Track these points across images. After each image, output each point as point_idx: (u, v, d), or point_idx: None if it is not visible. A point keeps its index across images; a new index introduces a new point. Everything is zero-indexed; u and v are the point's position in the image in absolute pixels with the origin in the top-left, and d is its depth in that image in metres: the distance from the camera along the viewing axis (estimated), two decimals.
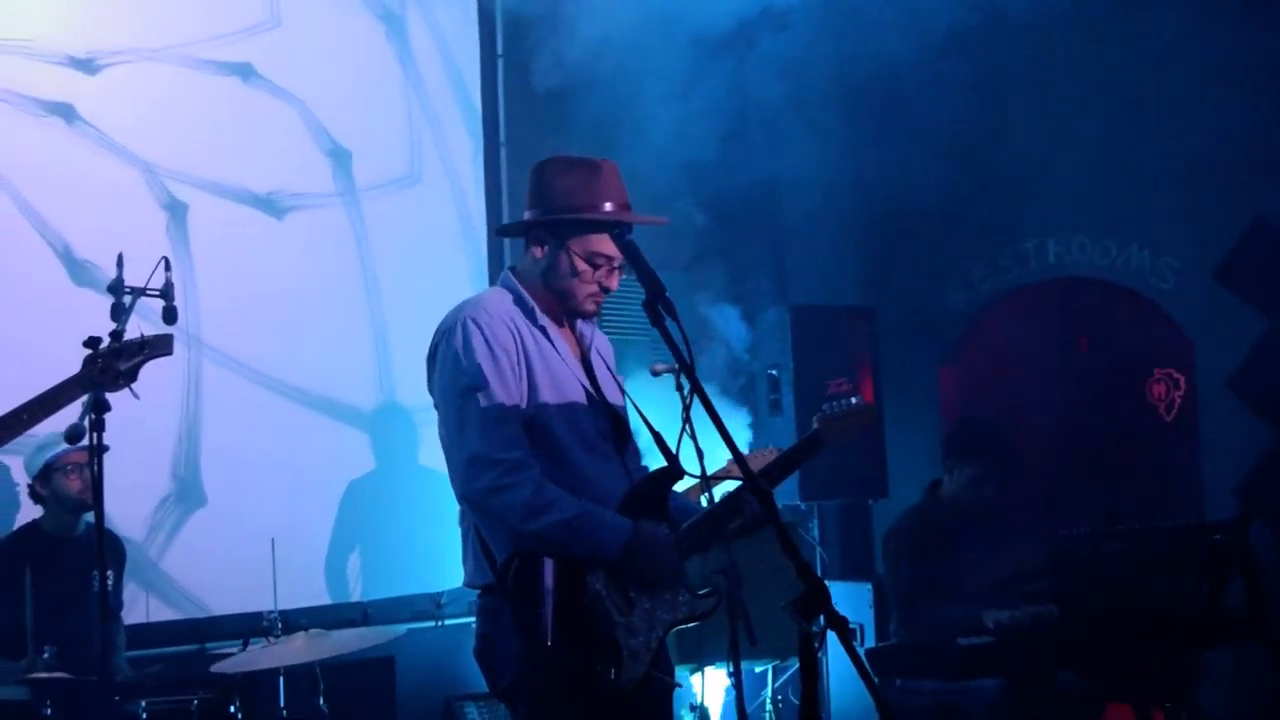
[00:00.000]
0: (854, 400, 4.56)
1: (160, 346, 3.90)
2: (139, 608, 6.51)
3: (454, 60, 8.11)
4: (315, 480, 7.16)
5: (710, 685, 7.16)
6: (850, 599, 7.79)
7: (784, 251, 8.80)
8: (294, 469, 7.03)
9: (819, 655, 3.31)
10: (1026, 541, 6.57)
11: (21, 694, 4.99)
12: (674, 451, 4.06)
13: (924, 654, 6.25)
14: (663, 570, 4.02)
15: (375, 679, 6.92)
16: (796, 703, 7.55)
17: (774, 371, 8.20)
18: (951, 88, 7.92)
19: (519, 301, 4.15)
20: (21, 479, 5.98)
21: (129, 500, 6.36)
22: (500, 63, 8.26)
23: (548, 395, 4.06)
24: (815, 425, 4.53)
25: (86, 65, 6.63)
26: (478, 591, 4.09)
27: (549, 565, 3.90)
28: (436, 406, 4.11)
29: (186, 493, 6.72)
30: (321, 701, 5.70)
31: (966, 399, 8.79)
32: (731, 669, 4.85)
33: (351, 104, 7.58)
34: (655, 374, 5.67)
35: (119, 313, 4.48)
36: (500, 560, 3.95)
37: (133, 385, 3.83)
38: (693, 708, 7.13)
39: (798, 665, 3.32)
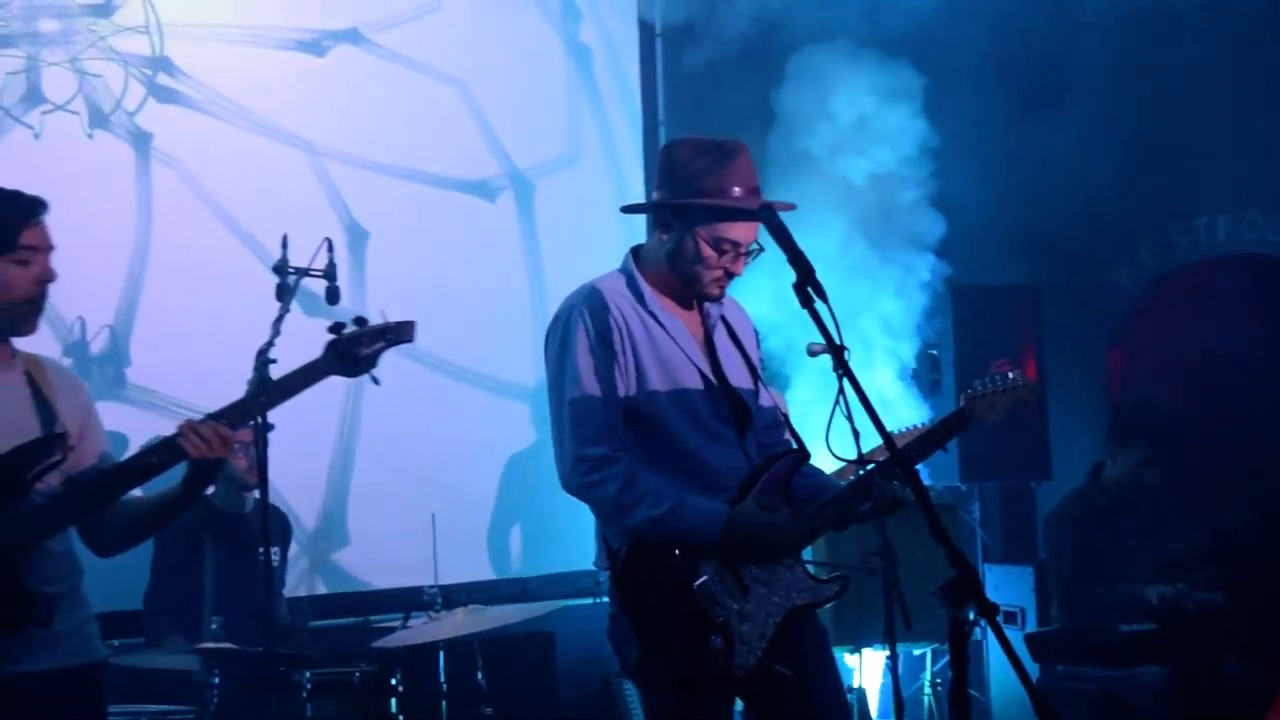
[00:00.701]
0: (1011, 375, 4.42)
1: (402, 333, 3.84)
2: (306, 582, 6.68)
3: (612, 39, 8.13)
4: (476, 457, 7.25)
5: (869, 667, 7.11)
6: (1012, 583, 7.68)
7: (945, 228, 8.65)
8: (455, 446, 7.12)
9: (974, 640, 3.27)
10: (1190, 526, 6.41)
11: (192, 664, 5.13)
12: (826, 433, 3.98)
13: (1086, 640, 6.14)
14: (766, 551, 3.96)
15: (534, 654, 6.99)
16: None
17: (934, 351, 8.10)
18: (1120, 63, 7.75)
19: (631, 285, 4.09)
20: None
21: (295, 477, 6.53)
22: (659, 40, 8.25)
23: (657, 381, 4.01)
24: (961, 403, 4.43)
25: (253, 51, 6.79)
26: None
27: (661, 552, 3.90)
28: (548, 395, 4.12)
29: (350, 470, 6.85)
30: (480, 676, 5.78)
31: (1133, 380, 8.60)
32: (888, 652, 4.77)
33: (511, 84, 7.63)
34: (812, 354, 5.63)
35: (283, 293, 4.59)
36: (615, 545, 3.97)
37: (373, 372, 3.82)
38: (850, 689, 7.09)
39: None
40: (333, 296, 4.76)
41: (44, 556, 3.56)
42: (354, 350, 3.75)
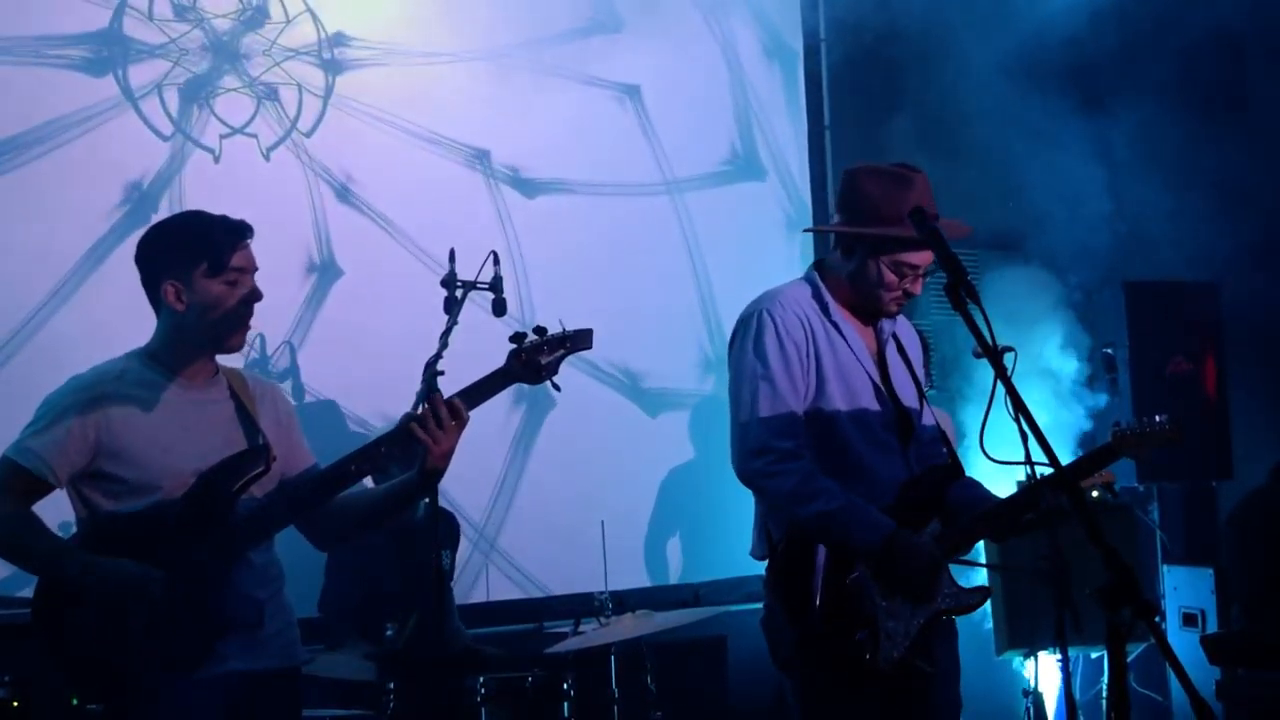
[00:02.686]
0: (1159, 419, 4.45)
1: (581, 341, 3.99)
2: (480, 588, 6.80)
3: (776, 46, 8.14)
4: (646, 464, 7.30)
5: (1045, 670, 7.04)
6: (1192, 584, 7.55)
7: (1121, 226, 8.50)
8: (625, 453, 7.19)
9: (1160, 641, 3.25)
10: None
11: (368, 672, 5.26)
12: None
13: (1268, 644, 6.00)
14: (915, 576, 4.12)
15: (706, 659, 7.03)
16: (1137, 689, 7.37)
17: (1109, 350, 7.98)
18: None
19: (816, 296, 4.32)
20: None
21: (465, 483, 6.66)
22: (823, 47, 8.25)
23: (834, 388, 4.23)
24: (1110, 439, 4.50)
25: (424, 69, 6.93)
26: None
27: (819, 546, 4.08)
28: (729, 391, 4.29)
29: (520, 476, 6.96)
30: (649, 681, 5.83)
31: None
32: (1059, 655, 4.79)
33: (676, 94, 7.68)
34: (977, 356, 5.64)
35: (451, 306, 4.69)
36: (777, 538, 4.15)
37: (554, 379, 3.93)
38: (1026, 693, 7.03)
39: (1132, 650, 3.26)
40: (499, 309, 4.82)
41: (252, 562, 3.75)
42: (536, 358, 3.90)
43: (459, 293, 4.68)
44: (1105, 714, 7.26)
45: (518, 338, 3.88)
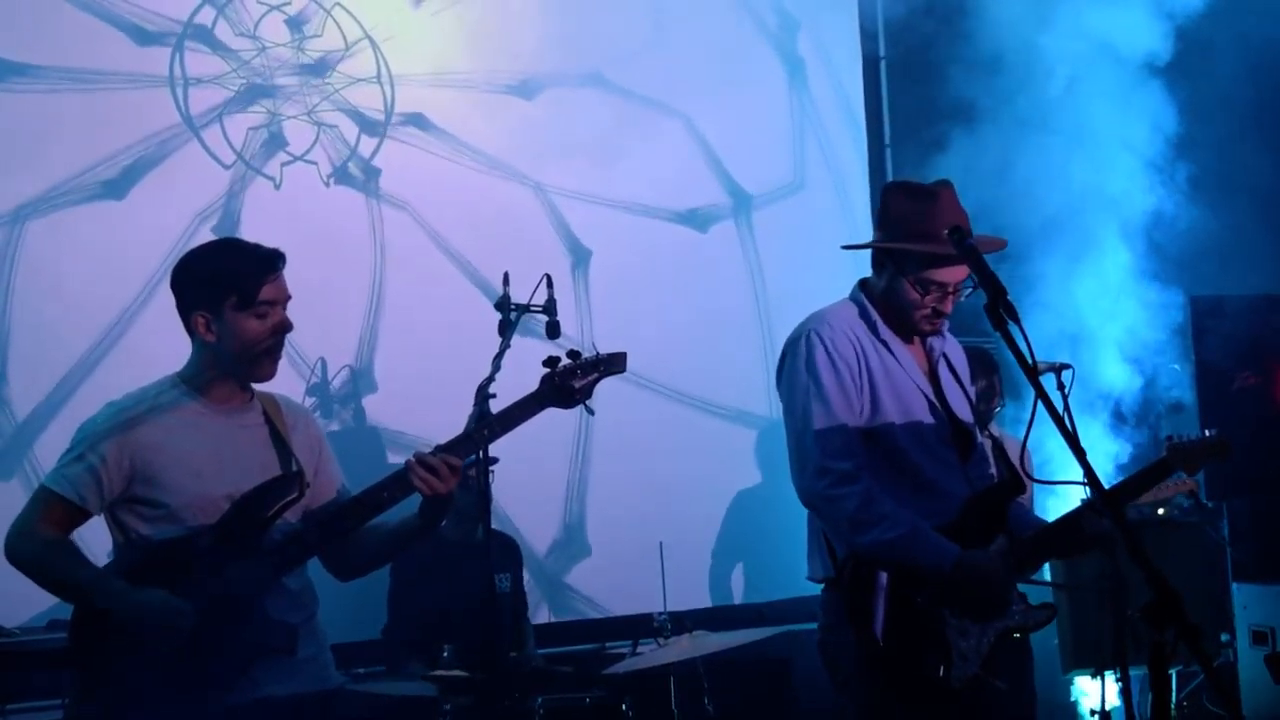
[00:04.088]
0: (1209, 433, 4.47)
1: (614, 365, 3.99)
2: (541, 609, 6.82)
3: (835, 63, 8.13)
4: (709, 484, 7.31)
5: (1112, 690, 6.95)
6: (1263, 602, 7.43)
7: (1183, 237, 8.40)
8: (686, 473, 7.19)
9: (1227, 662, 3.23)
10: None
11: (428, 691, 5.28)
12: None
13: None
14: (987, 599, 4.08)
15: (769, 680, 7.00)
16: (1210, 708, 7.28)
17: (1176, 367, 7.90)
18: None
19: (864, 315, 4.28)
20: None
21: (525, 504, 6.72)
22: (883, 64, 8.24)
23: (890, 405, 4.17)
24: (1164, 453, 4.46)
25: (479, 95, 6.99)
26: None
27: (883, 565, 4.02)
28: (784, 414, 4.25)
29: (582, 498, 6.99)
30: (707, 702, 5.83)
31: None
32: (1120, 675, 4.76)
33: (734, 113, 7.69)
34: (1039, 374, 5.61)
35: (505, 329, 4.72)
36: (841, 556, 4.08)
37: (588, 402, 3.95)
38: (1093, 713, 6.94)
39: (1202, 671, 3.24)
40: (553, 331, 4.86)
41: (285, 587, 3.78)
42: (568, 383, 3.90)
43: (512, 315, 4.74)
44: None
45: (551, 362, 3.90)
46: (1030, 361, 3.55)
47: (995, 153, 7.72)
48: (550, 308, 4.85)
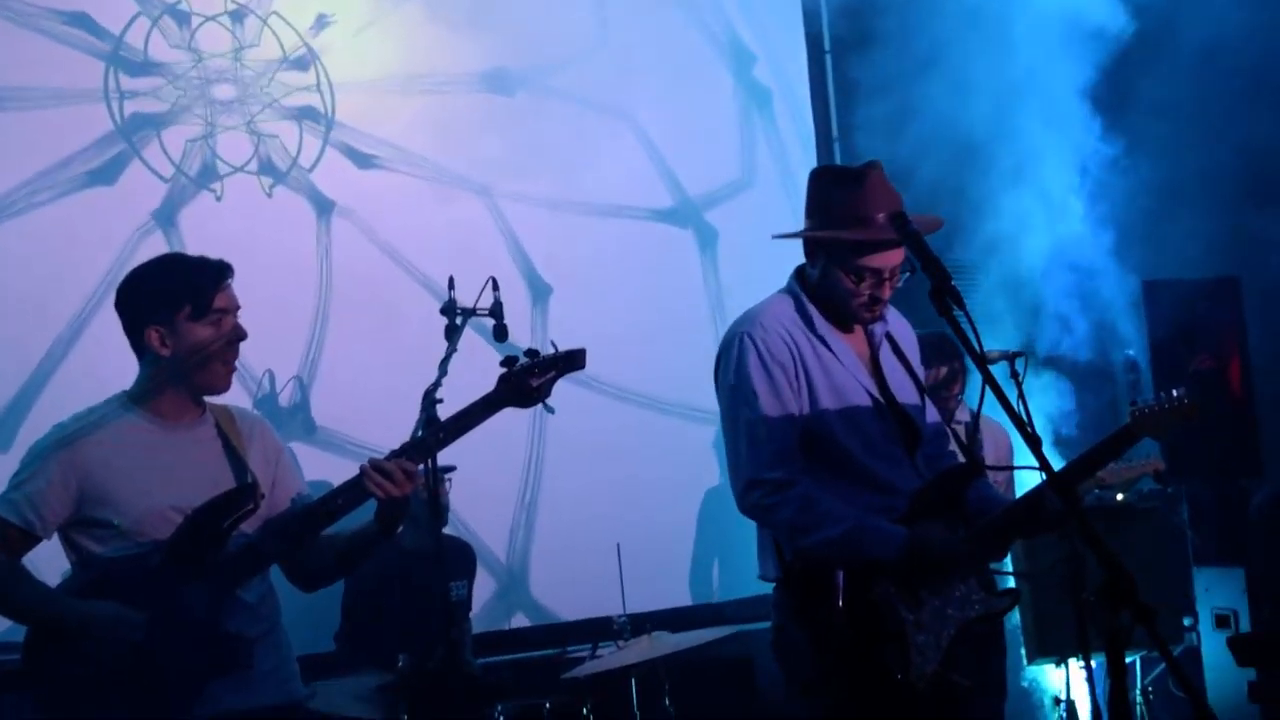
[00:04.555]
0: (1175, 393, 4.33)
1: (572, 362, 3.94)
2: (500, 615, 6.76)
3: (778, 57, 8.10)
4: (665, 484, 7.25)
5: (1075, 678, 6.93)
6: (1224, 585, 7.45)
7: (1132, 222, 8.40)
8: (640, 473, 7.14)
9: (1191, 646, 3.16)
10: None
11: (381, 703, 5.21)
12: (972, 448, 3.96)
13: None
14: (942, 567, 3.96)
15: (732, 680, 6.96)
16: (1174, 692, 7.27)
17: (1130, 352, 7.89)
18: None
19: (800, 309, 4.12)
20: None
21: (482, 509, 6.67)
22: (828, 58, 8.21)
23: (829, 404, 4.04)
24: (1127, 420, 4.35)
25: (422, 99, 6.93)
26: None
27: (833, 563, 3.91)
28: (721, 420, 4.18)
29: (537, 501, 6.94)
30: (668, 702, 5.78)
31: None
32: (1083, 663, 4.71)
33: (679, 113, 7.65)
34: (989, 361, 5.56)
35: (451, 334, 4.66)
36: (789, 557, 3.99)
37: (546, 401, 3.89)
38: (1058, 701, 6.93)
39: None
40: (500, 334, 4.80)
41: (243, 601, 3.72)
42: (525, 382, 3.85)
43: (459, 320, 4.67)
44: (1142, 718, 7.20)
45: (508, 362, 3.84)
46: (977, 348, 3.50)
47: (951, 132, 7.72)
48: (497, 311, 4.78)
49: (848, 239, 3.98)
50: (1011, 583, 6.30)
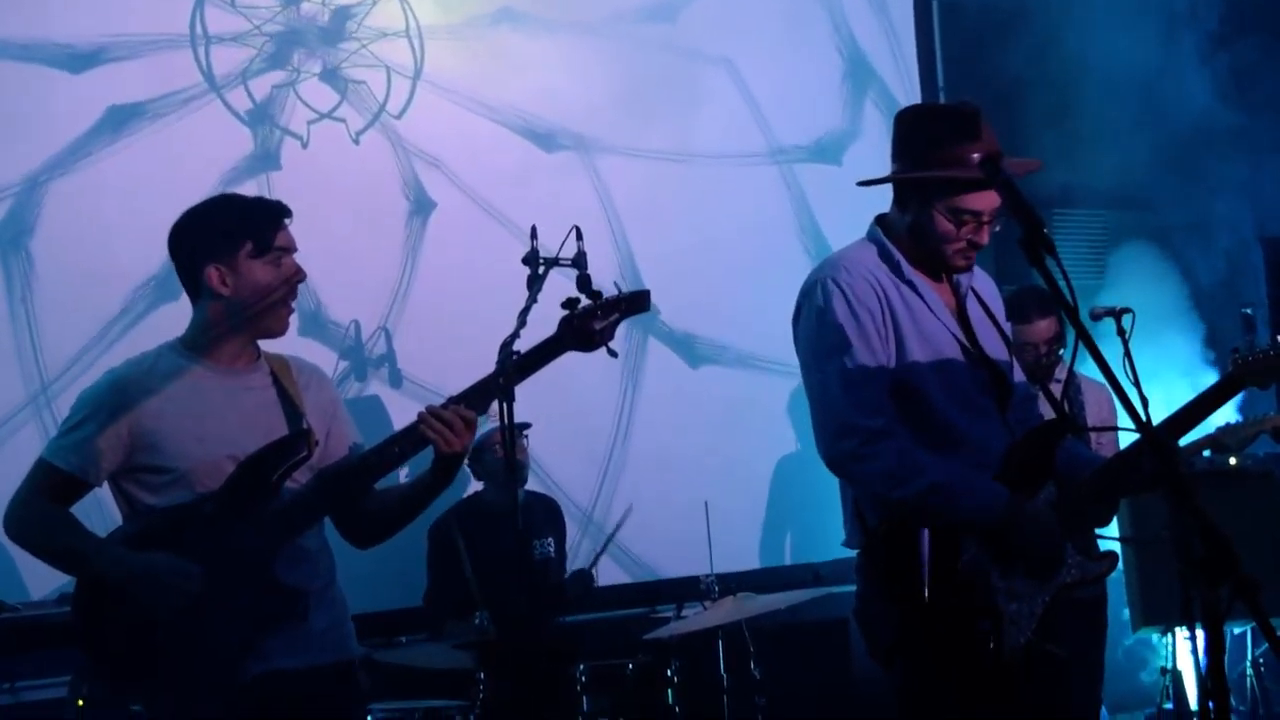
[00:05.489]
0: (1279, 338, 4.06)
1: (636, 304, 3.82)
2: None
3: (885, 7, 7.85)
4: (755, 442, 7.09)
5: (1182, 648, 6.70)
6: None
7: (1259, 178, 8.07)
8: (734, 431, 6.99)
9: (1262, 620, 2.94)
10: None
11: (462, 661, 5.13)
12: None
13: None
14: (1042, 546, 3.73)
15: (827, 644, 6.80)
16: None
17: (1249, 310, 7.59)
18: None
19: (885, 256, 3.89)
20: None
21: (574, 469, 6.55)
22: (934, 6, 7.95)
23: (918, 353, 3.81)
24: (1230, 369, 4.07)
25: (512, 42, 6.80)
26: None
27: (923, 530, 3.68)
28: (802, 370, 3.93)
29: (626, 458, 6.82)
30: (753, 666, 5.64)
31: None
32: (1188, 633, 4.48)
33: (781, 61, 7.46)
34: (1094, 318, 5.33)
35: (533, 284, 4.52)
36: (873, 523, 3.77)
37: (609, 344, 3.76)
38: (1164, 671, 6.70)
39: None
40: (584, 285, 4.66)
41: (297, 553, 3.59)
42: (588, 325, 3.72)
43: (540, 270, 4.53)
44: (1252, 691, 6.94)
45: (570, 303, 3.69)
46: (1070, 299, 3.29)
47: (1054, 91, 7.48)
48: (580, 261, 4.63)
49: (947, 177, 3.75)
50: (1115, 546, 6.08)
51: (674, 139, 7.09)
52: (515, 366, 3.64)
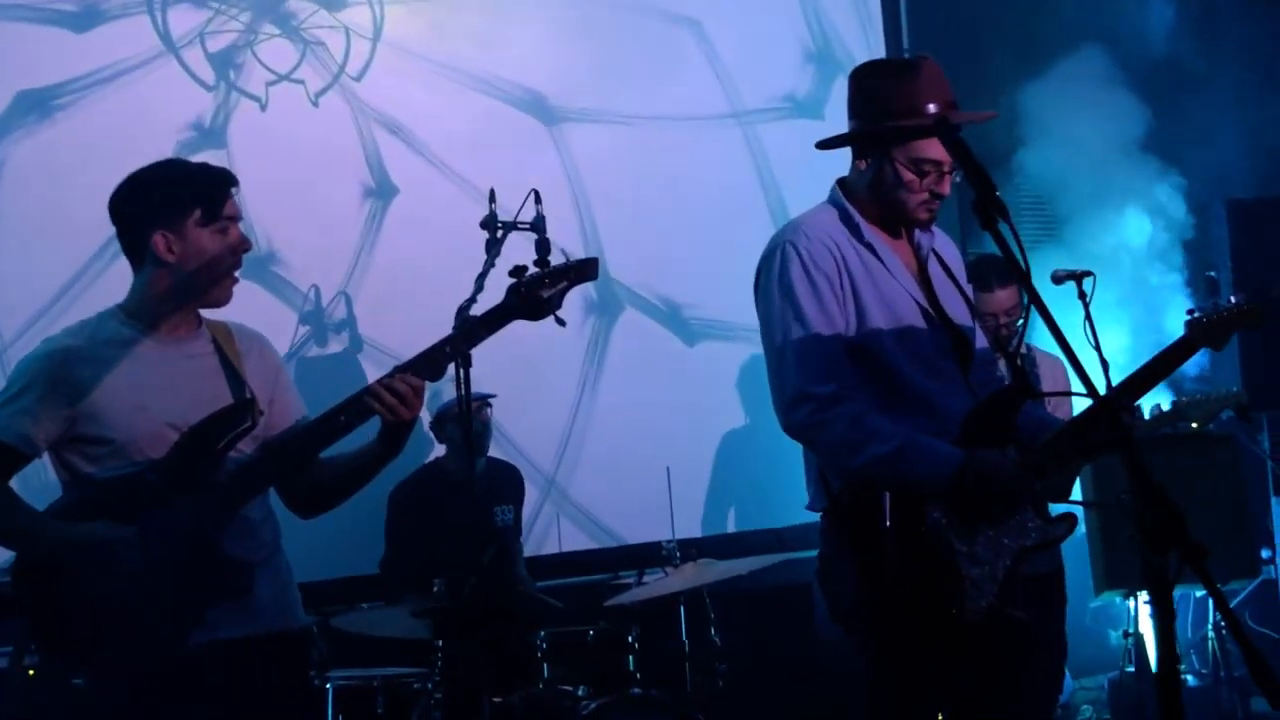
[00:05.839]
0: (1233, 300, 4.05)
1: (585, 271, 3.76)
2: (551, 539, 6.63)
3: None
4: (719, 407, 7.06)
5: (1144, 611, 6.71)
6: None
7: (1222, 141, 8.05)
8: (693, 396, 6.95)
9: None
10: None
11: (417, 630, 5.09)
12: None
13: None
14: (1001, 498, 3.70)
15: (790, 610, 6.76)
16: (1252, 626, 7.02)
17: (1212, 274, 7.57)
18: None
19: (844, 218, 3.88)
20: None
21: (534, 434, 6.50)
22: None
23: (878, 317, 3.80)
24: (1184, 330, 4.06)
25: (472, 5, 6.74)
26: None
27: (885, 494, 3.67)
28: (761, 336, 3.92)
29: (588, 424, 6.78)
30: (713, 633, 5.61)
31: None
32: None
33: (742, 22, 7.39)
34: (1056, 281, 5.31)
35: (490, 248, 4.48)
36: (836, 487, 3.76)
37: (557, 313, 3.71)
38: (1126, 634, 6.71)
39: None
40: (543, 249, 4.62)
41: (242, 524, 3.54)
42: (535, 293, 3.67)
43: (499, 233, 4.48)
44: (1214, 655, 6.97)
45: (517, 271, 3.65)
46: (1023, 264, 3.25)
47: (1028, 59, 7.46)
48: (539, 225, 4.59)
49: (907, 127, 3.74)
50: (1077, 510, 6.07)
51: (638, 101, 7.03)
52: (461, 335, 3.60)
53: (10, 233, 5.79)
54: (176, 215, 3.53)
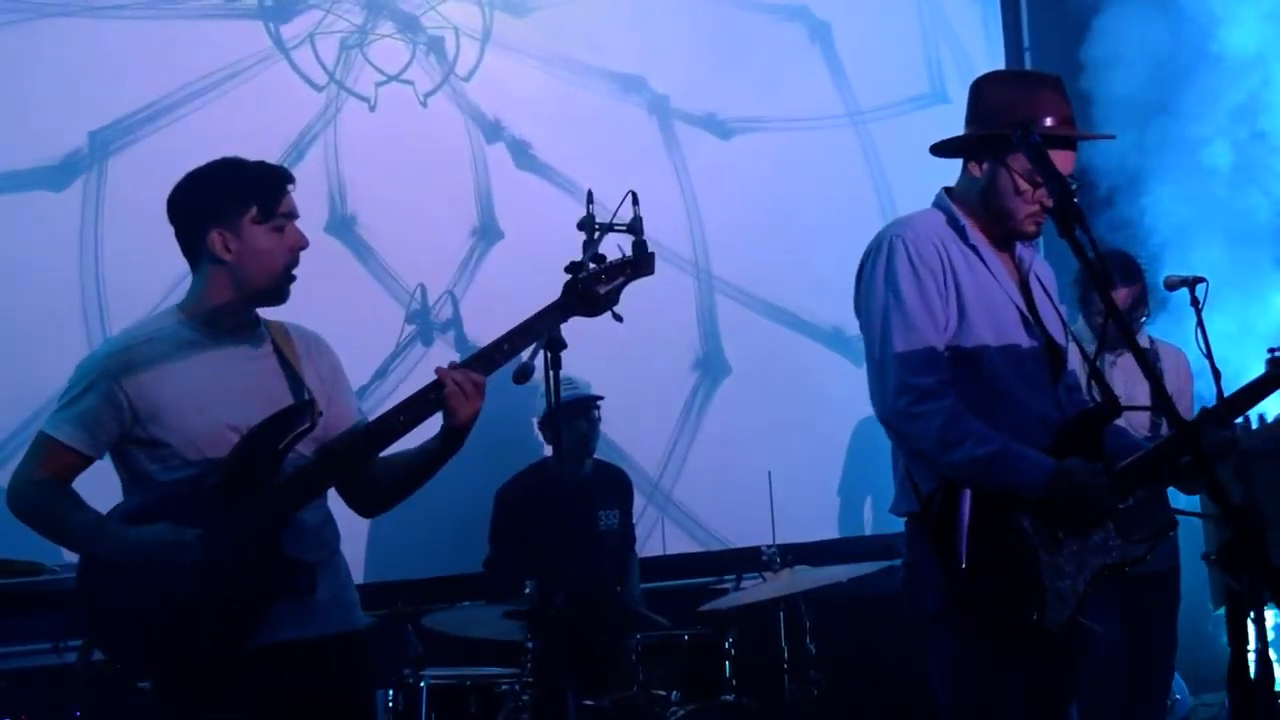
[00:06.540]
0: None
1: (642, 267, 3.77)
2: (655, 542, 6.61)
3: None
4: (824, 412, 6.99)
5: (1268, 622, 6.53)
6: None
7: None
8: (800, 400, 6.90)
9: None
10: None
11: (511, 631, 5.09)
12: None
13: None
14: (1090, 511, 3.68)
15: (893, 616, 6.68)
16: None
17: None
18: None
19: (951, 221, 3.88)
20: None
21: (642, 439, 6.52)
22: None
23: (979, 318, 3.79)
24: (1266, 367, 4.04)
25: (586, 6, 6.75)
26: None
27: (968, 497, 3.65)
28: (861, 328, 3.90)
29: (697, 430, 6.75)
30: (808, 641, 5.55)
31: None
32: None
33: (866, 21, 7.35)
34: (1169, 287, 5.24)
35: (587, 249, 4.46)
36: (925, 489, 3.74)
37: (615, 309, 3.70)
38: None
39: None
40: (640, 251, 4.60)
41: (302, 525, 3.55)
42: (592, 289, 3.68)
43: (596, 234, 4.46)
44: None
45: (574, 267, 3.63)
46: (1100, 269, 3.20)
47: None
48: (636, 226, 4.56)
49: (1025, 133, 3.70)
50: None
51: (751, 101, 6.99)
52: (520, 330, 3.58)
53: (124, 239, 5.83)
54: (232, 213, 3.53)
